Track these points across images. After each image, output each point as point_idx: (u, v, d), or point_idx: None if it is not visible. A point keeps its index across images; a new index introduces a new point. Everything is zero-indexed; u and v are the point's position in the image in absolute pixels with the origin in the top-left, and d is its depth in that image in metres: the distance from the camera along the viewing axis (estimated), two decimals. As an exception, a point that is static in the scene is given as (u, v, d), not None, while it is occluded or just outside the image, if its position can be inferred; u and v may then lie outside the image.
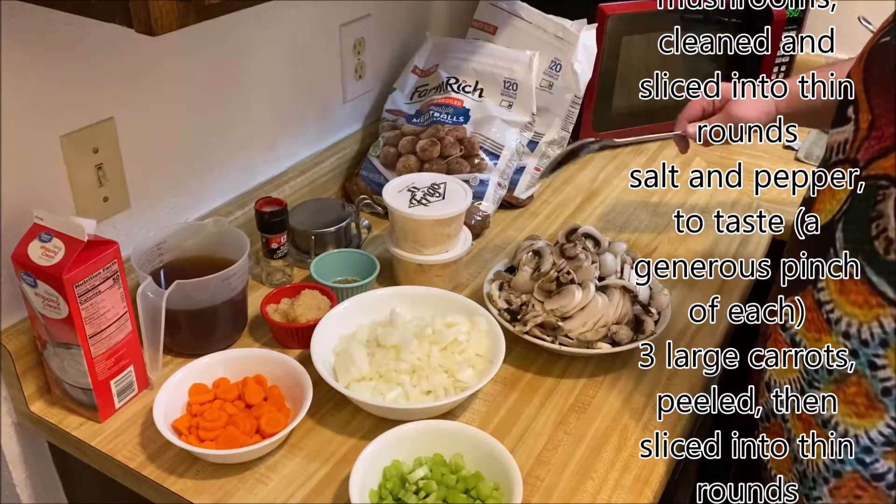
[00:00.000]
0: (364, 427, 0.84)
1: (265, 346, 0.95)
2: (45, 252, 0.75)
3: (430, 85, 1.29)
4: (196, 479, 0.78)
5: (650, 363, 0.91)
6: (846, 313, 0.66)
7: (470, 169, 1.19)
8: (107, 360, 0.81)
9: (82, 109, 0.87)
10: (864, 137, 0.66)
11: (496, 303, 0.96)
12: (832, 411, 0.68)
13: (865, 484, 0.67)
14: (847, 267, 0.65)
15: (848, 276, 0.65)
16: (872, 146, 0.64)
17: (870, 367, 0.64)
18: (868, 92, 0.66)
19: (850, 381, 0.66)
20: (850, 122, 0.68)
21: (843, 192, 0.67)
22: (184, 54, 0.97)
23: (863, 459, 0.67)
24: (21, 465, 0.93)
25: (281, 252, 1.04)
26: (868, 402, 0.65)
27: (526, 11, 1.30)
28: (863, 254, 0.64)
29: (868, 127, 0.65)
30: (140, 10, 0.57)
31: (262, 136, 1.15)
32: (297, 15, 1.12)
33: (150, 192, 0.99)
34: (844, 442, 0.67)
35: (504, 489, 0.73)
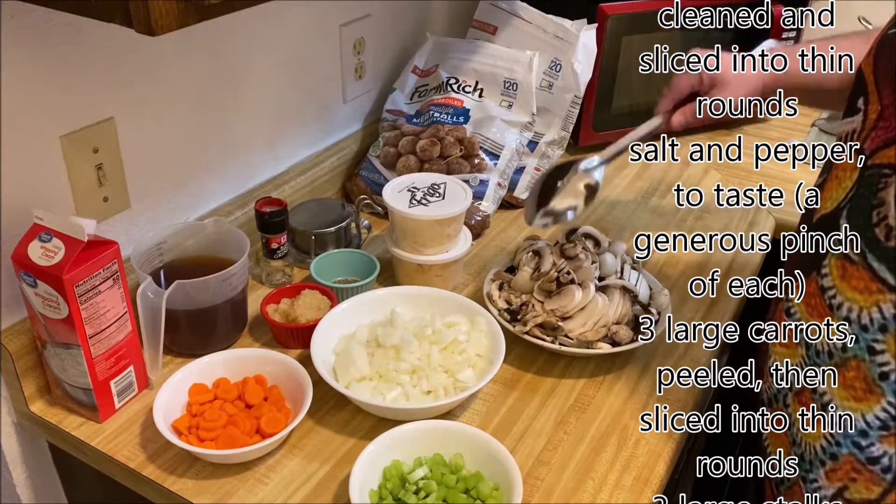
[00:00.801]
0: (364, 427, 0.84)
1: (265, 346, 0.95)
2: (45, 252, 0.75)
3: (430, 85, 1.29)
4: (196, 479, 0.78)
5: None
6: (847, 298, 0.67)
7: (470, 169, 1.19)
8: (107, 360, 0.81)
9: (82, 109, 0.87)
10: (872, 128, 0.67)
11: (496, 303, 0.96)
12: (832, 386, 0.69)
13: (860, 467, 0.68)
14: (849, 251, 0.66)
15: (850, 261, 0.66)
16: (879, 136, 0.65)
17: (869, 351, 0.65)
18: (877, 83, 0.67)
19: (850, 365, 0.67)
20: (860, 112, 0.69)
21: (849, 180, 0.68)
22: (184, 54, 0.97)
23: (858, 443, 0.67)
24: (21, 465, 0.93)
25: (281, 252, 1.04)
26: (866, 386, 0.66)
27: (526, 11, 1.30)
28: (864, 240, 0.65)
29: (877, 118, 0.66)
30: (140, 10, 0.57)
31: (262, 136, 1.15)
32: (297, 15, 1.12)
33: (150, 192, 0.99)
34: (844, 416, 0.68)
35: (504, 489, 0.73)
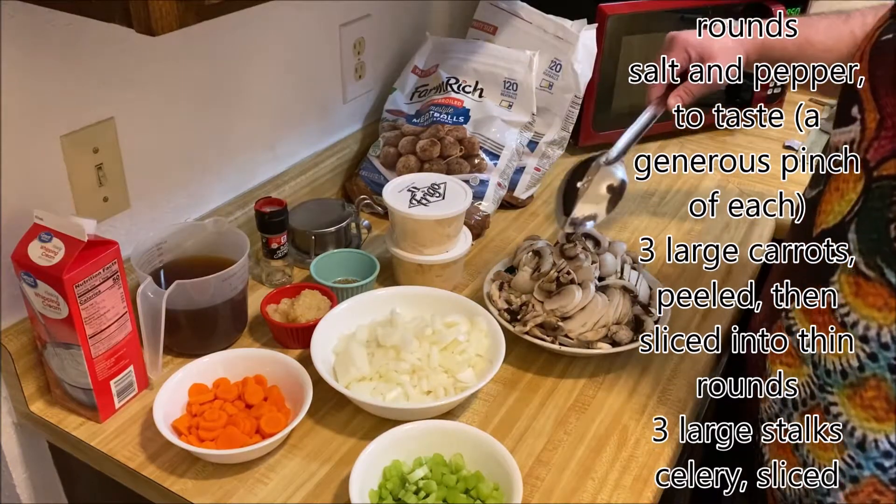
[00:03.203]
0: (364, 427, 0.84)
1: (265, 346, 0.95)
2: (45, 252, 0.75)
3: (430, 85, 1.29)
4: (196, 479, 0.78)
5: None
6: (863, 316, 0.64)
7: (470, 169, 1.19)
8: (107, 360, 0.81)
9: (82, 109, 0.87)
10: (874, 137, 0.65)
11: (496, 303, 0.96)
12: (848, 406, 0.67)
13: (884, 488, 0.66)
14: (864, 267, 0.64)
15: (865, 277, 0.64)
16: (884, 146, 0.64)
17: (890, 370, 0.63)
18: (875, 91, 0.66)
19: (868, 384, 0.65)
20: (856, 121, 0.67)
21: (853, 192, 0.66)
22: (184, 54, 0.97)
23: (882, 464, 0.66)
24: (21, 465, 0.93)
25: (281, 252, 1.04)
26: (888, 405, 0.64)
27: (526, 11, 1.30)
28: (881, 255, 0.63)
29: (877, 126, 0.65)
30: (140, 10, 0.57)
31: (262, 136, 1.15)
32: (297, 15, 1.12)
33: (150, 192, 0.99)
34: (866, 437, 0.65)
35: (504, 489, 0.73)
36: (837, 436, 0.68)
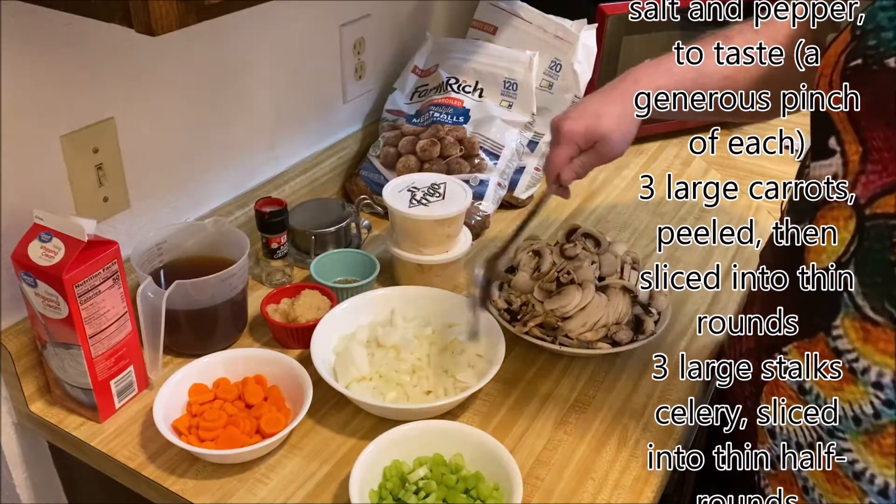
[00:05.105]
0: (364, 427, 0.84)
1: (265, 346, 0.95)
2: (45, 252, 0.75)
3: (430, 85, 1.29)
4: (196, 479, 0.78)
5: (663, 375, 0.90)
6: (875, 363, 0.62)
7: (470, 169, 1.19)
8: (107, 360, 0.81)
9: (82, 109, 0.87)
10: (859, 171, 0.61)
11: (496, 303, 0.96)
12: (865, 454, 0.64)
13: None
14: (870, 313, 0.61)
15: (872, 323, 0.61)
16: (873, 181, 0.60)
17: None
18: (856, 122, 0.62)
19: (886, 431, 0.62)
20: (836, 153, 0.64)
21: (846, 231, 0.63)
22: (184, 54, 0.97)
23: None
24: (21, 465, 0.93)
25: (281, 252, 1.04)
26: None
27: (526, 11, 1.30)
28: (889, 300, 0.60)
29: (860, 159, 0.61)
30: (140, 10, 0.57)
31: (262, 136, 1.15)
32: (297, 15, 1.12)
33: (150, 192, 0.99)
34: (888, 484, 0.63)
35: (504, 489, 0.73)
36: (857, 485, 0.65)
